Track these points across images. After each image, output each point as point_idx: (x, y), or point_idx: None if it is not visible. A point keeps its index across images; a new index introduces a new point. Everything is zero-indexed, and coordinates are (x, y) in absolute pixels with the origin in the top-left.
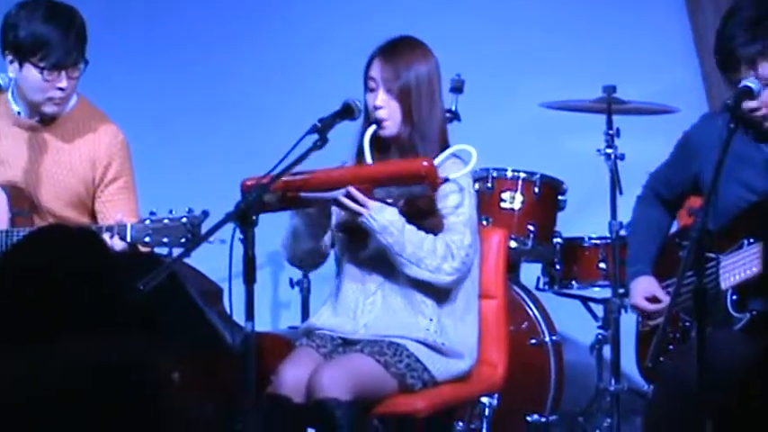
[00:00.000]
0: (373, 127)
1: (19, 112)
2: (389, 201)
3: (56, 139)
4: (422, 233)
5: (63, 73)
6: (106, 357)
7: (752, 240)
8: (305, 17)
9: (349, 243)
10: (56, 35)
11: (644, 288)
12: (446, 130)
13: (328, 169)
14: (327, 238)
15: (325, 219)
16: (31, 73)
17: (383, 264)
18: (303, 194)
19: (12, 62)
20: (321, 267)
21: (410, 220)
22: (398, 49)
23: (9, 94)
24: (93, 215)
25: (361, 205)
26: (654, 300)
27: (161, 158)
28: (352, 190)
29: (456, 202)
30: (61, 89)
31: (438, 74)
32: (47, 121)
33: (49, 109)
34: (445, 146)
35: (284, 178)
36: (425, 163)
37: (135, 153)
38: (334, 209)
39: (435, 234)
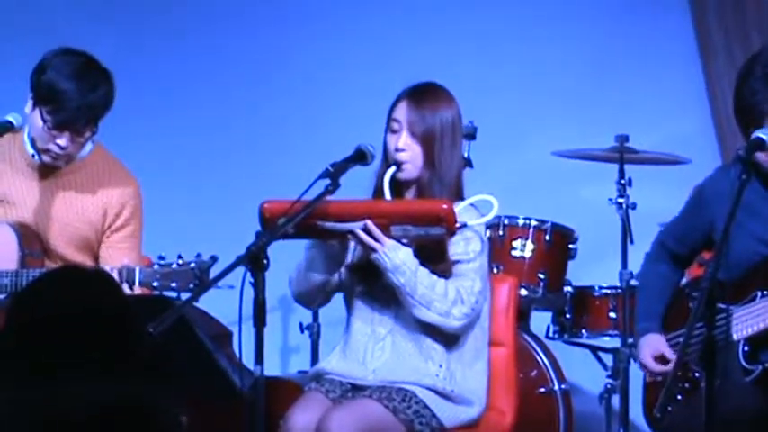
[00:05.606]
0: (393, 168)
1: (33, 155)
2: (405, 241)
3: (69, 184)
4: (434, 276)
5: (66, 133)
6: (116, 399)
7: (765, 293)
8: (323, 62)
9: (360, 283)
10: (72, 96)
11: (653, 347)
12: (462, 177)
13: (347, 200)
14: (337, 278)
15: (343, 252)
16: (37, 119)
17: (393, 307)
18: (320, 223)
19: (31, 98)
20: (332, 312)
21: (422, 263)
22: (425, 94)
23: (25, 135)
24: (97, 259)
25: (377, 241)
26: (661, 359)
27: (171, 199)
28: (370, 224)
29: (468, 249)
30: (60, 147)
31: (460, 122)
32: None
33: (45, 159)
34: (460, 192)
35: (302, 205)
36: (445, 206)
37: (145, 193)
38: (351, 247)
39: (446, 279)
